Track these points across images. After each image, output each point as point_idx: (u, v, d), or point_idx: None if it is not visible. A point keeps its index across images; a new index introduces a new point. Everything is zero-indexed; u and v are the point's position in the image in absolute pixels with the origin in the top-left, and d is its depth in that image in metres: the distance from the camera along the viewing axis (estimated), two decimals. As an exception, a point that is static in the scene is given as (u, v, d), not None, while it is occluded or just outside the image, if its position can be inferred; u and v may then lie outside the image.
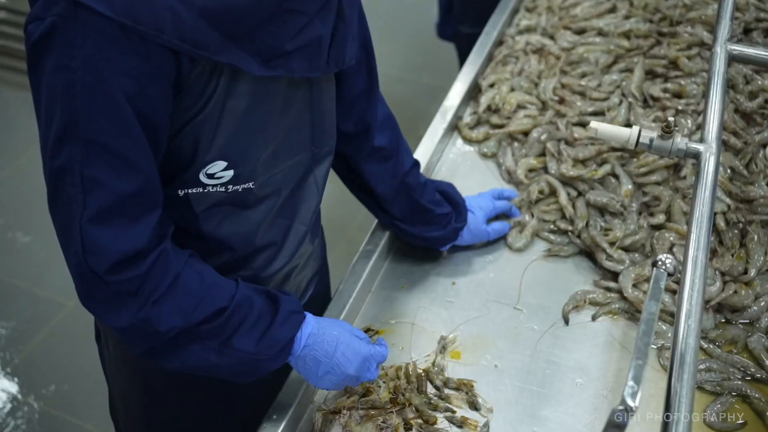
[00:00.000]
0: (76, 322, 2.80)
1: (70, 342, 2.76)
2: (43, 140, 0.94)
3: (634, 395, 0.81)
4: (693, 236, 1.12)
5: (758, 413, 1.30)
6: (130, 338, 1.02)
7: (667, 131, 1.26)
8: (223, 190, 1.06)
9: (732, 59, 1.47)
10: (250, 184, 1.07)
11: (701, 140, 1.29)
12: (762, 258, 1.50)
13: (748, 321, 1.43)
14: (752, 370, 1.35)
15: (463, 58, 2.88)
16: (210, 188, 1.04)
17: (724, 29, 1.51)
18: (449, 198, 1.50)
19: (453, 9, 2.79)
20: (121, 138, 0.91)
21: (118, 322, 0.99)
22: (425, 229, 1.48)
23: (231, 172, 1.04)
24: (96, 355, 1.44)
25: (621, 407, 0.80)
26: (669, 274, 0.92)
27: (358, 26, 1.20)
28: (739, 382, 1.33)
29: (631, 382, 0.81)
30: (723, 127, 1.38)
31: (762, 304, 1.44)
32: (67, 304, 2.87)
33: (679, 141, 1.27)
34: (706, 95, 1.38)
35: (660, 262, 0.92)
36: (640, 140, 1.28)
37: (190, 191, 1.04)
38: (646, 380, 1.34)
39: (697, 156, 1.26)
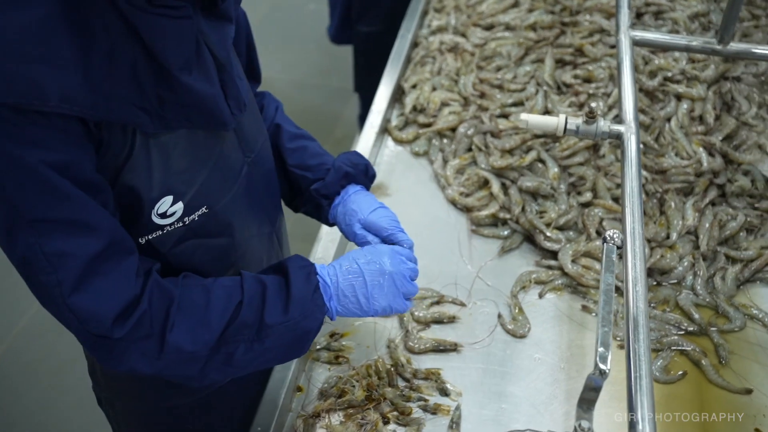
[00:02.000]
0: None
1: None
2: None
3: (604, 359, 0.90)
4: (627, 210, 1.23)
5: (695, 363, 1.43)
6: (175, 374, 1.03)
7: (591, 116, 1.37)
8: (181, 225, 1.07)
9: (635, 44, 1.60)
10: (204, 208, 1.09)
11: (620, 121, 1.41)
12: (680, 222, 1.64)
13: (675, 281, 1.57)
14: (685, 324, 1.49)
15: (362, 57, 2.95)
16: (168, 228, 1.05)
17: (624, 17, 1.65)
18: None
19: (352, 10, 2.84)
20: (63, 205, 0.90)
21: (153, 366, 1.00)
22: (298, 198, 1.39)
23: (180, 205, 1.05)
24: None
25: (595, 372, 0.89)
26: (618, 247, 1.02)
27: (237, 34, 1.20)
28: (676, 337, 1.46)
29: (601, 348, 0.90)
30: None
31: (686, 264, 1.58)
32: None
33: (602, 124, 1.38)
34: (618, 80, 1.50)
35: (608, 237, 1.02)
36: (568, 127, 1.39)
37: (150, 237, 1.04)
38: (593, 347, 1.45)
39: (619, 136, 1.38)
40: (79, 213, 0.91)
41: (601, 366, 0.89)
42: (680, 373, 1.41)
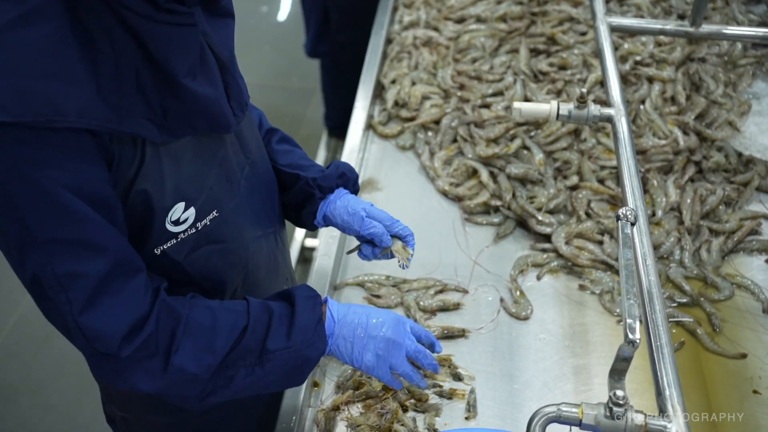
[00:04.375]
0: None
1: None
2: (7, 256, 0.93)
3: (633, 330, 0.94)
4: (628, 189, 1.28)
5: (690, 332, 1.50)
6: (176, 393, 1.03)
7: (582, 101, 1.42)
8: (194, 231, 1.07)
9: (612, 30, 1.66)
10: (214, 212, 1.10)
11: (608, 105, 1.47)
12: (664, 200, 1.71)
13: (664, 256, 1.64)
14: (677, 297, 1.55)
15: (342, 66, 2.95)
16: (182, 235, 1.06)
17: (600, 5, 1.71)
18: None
19: (329, 23, 2.85)
20: (75, 226, 0.90)
21: (155, 385, 1.00)
22: (288, 197, 1.37)
23: (192, 210, 1.05)
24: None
25: (627, 342, 0.93)
26: (632, 224, 1.06)
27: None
28: (671, 309, 1.53)
29: (629, 320, 0.94)
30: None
31: (672, 239, 1.65)
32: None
33: (593, 108, 1.43)
34: (601, 66, 1.56)
35: (622, 215, 1.06)
36: (560, 113, 1.43)
37: (165, 246, 1.05)
38: (594, 324, 1.51)
39: (610, 119, 1.43)
40: (91, 233, 0.92)
41: (631, 336, 0.93)
42: (680, 342, 1.47)
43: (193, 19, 0.92)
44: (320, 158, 3.48)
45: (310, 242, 3.11)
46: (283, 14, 4.72)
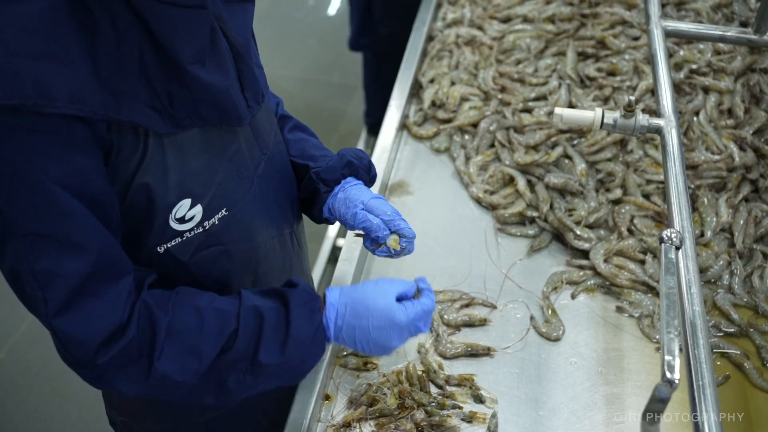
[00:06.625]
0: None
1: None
2: None
3: (672, 368, 0.84)
4: (675, 208, 1.17)
5: (737, 366, 1.38)
6: (161, 396, 0.97)
7: (629, 110, 1.32)
8: (201, 230, 1.00)
9: (667, 35, 1.55)
10: (223, 211, 1.02)
11: (658, 115, 1.36)
12: (714, 219, 1.59)
13: (711, 280, 1.52)
14: (724, 325, 1.43)
15: (383, 59, 2.88)
16: (187, 234, 0.99)
17: (654, 8, 1.59)
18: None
19: (372, 15, 2.78)
20: (59, 221, 0.84)
21: (138, 390, 0.94)
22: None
23: (199, 208, 0.98)
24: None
25: (664, 382, 0.83)
26: (676, 248, 0.96)
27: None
28: (716, 339, 1.41)
29: (668, 357, 0.84)
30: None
31: (721, 263, 1.53)
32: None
33: (641, 118, 1.32)
34: (653, 73, 1.44)
35: (666, 238, 0.96)
36: (605, 121, 1.33)
37: (169, 245, 0.98)
38: (631, 350, 1.40)
39: (659, 130, 1.32)
40: (75, 231, 0.85)
41: (669, 375, 0.83)
42: (724, 375, 1.35)
43: (203, 1, 0.85)
44: (359, 156, 3.41)
45: (341, 241, 3.04)
46: (332, 9, 4.67)
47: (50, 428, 2.52)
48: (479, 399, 1.31)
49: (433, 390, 1.33)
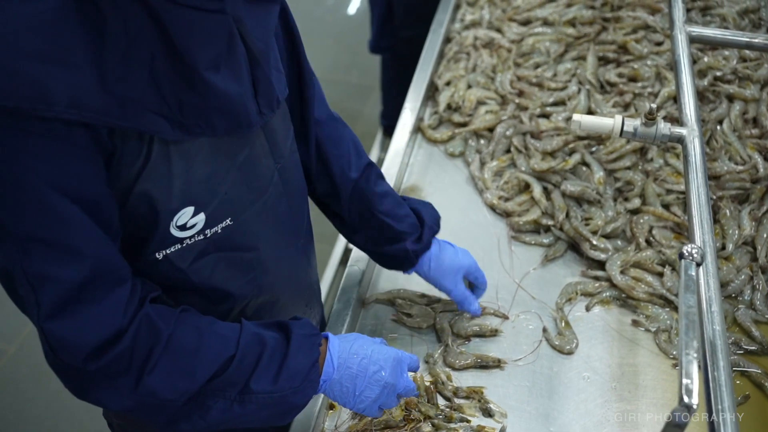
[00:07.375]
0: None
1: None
2: None
3: (690, 393, 0.79)
4: (696, 221, 1.12)
5: (758, 385, 1.33)
6: (143, 415, 0.94)
7: (651, 118, 1.27)
8: (202, 238, 0.97)
9: (691, 41, 1.50)
10: (228, 220, 0.99)
11: (681, 124, 1.31)
12: (736, 232, 1.54)
13: (732, 295, 1.47)
14: (744, 343, 1.39)
15: (403, 62, 2.85)
16: (188, 241, 0.95)
17: (679, 12, 1.54)
18: (417, 215, 1.35)
19: (393, 18, 2.75)
20: (56, 227, 0.81)
21: (122, 404, 0.91)
22: (377, 244, 1.34)
23: (202, 216, 0.95)
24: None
25: (681, 406, 0.78)
26: (697, 264, 0.92)
27: (283, 37, 1.10)
28: (735, 357, 1.36)
29: (686, 380, 0.80)
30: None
31: (743, 277, 1.48)
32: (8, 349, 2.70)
33: (663, 126, 1.28)
34: (676, 80, 1.39)
35: (686, 253, 0.92)
36: (625, 129, 1.29)
37: (168, 251, 0.95)
38: (646, 365, 1.36)
39: (681, 140, 1.27)
40: (72, 236, 0.82)
41: (686, 399, 0.79)
42: (744, 395, 1.30)
43: (223, 5, 0.82)
44: (373, 156, 3.38)
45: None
46: (352, 8, 4.64)
47: (58, 426, 2.51)
48: (488, 413, 1.27)
49: (441, 402, 1.29)
